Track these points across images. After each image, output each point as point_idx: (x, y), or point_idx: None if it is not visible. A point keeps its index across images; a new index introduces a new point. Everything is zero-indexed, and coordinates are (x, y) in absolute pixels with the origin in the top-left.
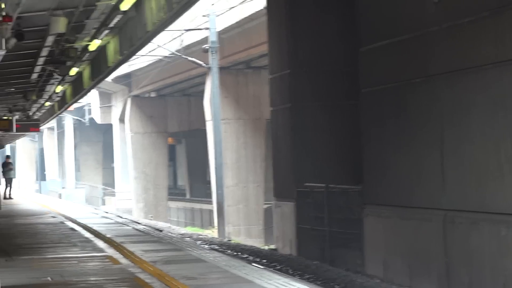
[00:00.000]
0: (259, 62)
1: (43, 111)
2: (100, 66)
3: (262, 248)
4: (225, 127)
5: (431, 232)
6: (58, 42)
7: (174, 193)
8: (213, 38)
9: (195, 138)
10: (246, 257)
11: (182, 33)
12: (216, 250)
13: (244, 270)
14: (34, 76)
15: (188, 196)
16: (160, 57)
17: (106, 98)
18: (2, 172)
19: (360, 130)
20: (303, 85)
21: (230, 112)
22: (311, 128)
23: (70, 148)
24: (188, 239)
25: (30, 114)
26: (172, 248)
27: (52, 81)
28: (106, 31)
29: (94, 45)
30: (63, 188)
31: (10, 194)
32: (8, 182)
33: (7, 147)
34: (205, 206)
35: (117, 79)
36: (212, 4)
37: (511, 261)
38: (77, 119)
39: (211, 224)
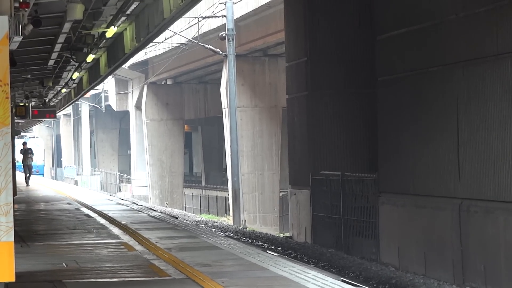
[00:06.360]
0: (276, 50)
1: (59, 97)
2: (116, 53)
3: (277, 235)
4: (241, 114)
5: (446, 221)
6: (75, 29)
7: (190, 180)
8: (230, 25)
9: (211, 125)
10: (261, 245)
11: (199, 20)
12: (231, 237)
13: (259, 257)
14: (51, 62)
15: (203, 184)
16: (176, 44)
17: (122, 85)
18: (22, 159)
19: (376, 119)
20: (320, 73)
21: (246, 100)
22: (328, 116)
23: (86, 135)
24: (203, 226)
25: (47, 100)
26: (187, 235)
27: (68, 67)
28: (123, 18)
29: (111, 32)
30: (79, 174)
31: (28, 181)
32: (28, 169)
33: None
34: (221, 194)
35: (134, 66)
36: None
37: None
38: (94, 106)
39: (226, 212)
